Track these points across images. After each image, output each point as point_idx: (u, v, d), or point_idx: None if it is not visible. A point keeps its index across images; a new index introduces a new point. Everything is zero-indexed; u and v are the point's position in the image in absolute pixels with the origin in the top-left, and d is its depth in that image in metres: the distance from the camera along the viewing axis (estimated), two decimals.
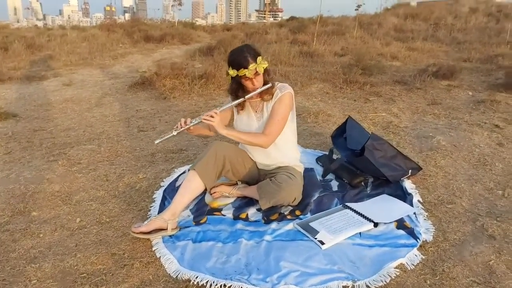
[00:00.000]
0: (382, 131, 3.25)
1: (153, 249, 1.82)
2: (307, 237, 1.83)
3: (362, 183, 2.34)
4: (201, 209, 2.12)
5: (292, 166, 2.18)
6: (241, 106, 2.13)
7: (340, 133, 2.63)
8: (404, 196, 2.18)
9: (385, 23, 11.13)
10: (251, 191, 2.16)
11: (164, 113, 4.06)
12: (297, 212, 2.04)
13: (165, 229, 1.89)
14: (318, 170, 2.54)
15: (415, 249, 1.75)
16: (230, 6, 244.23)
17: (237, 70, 1.95)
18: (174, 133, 1.92)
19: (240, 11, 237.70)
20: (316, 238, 1.80)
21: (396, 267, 1.65)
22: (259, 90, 2.02)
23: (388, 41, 8.29)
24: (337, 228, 1.87)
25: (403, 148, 2.85)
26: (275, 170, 2.17)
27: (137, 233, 1.83)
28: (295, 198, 2.02)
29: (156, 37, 10.40)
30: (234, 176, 2.17)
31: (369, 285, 1.56)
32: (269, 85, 2.03)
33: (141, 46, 9.52)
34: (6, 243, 1.88)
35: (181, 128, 1.93)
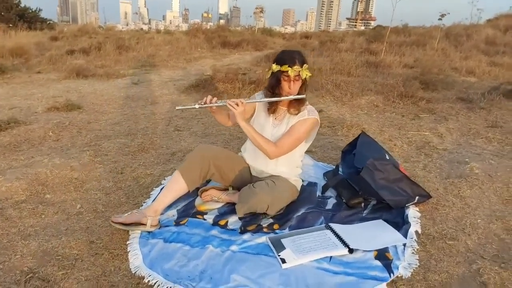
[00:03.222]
0: (415, 151, 2.97)
1: (127, 242, 1.90)
2: (273, 253, 1.76)
3: (362, 204, 2.17)
4: (187, 211, 2.15)
5: (283, 177, 2.11)
6: (272, 109, 2.12)
7: (351, 149, 2.46)
8: (402, 224, 1.97)
9: (476, 35, 10.09)
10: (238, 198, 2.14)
11: (205, 115, 4.20)
12: (275, 226, 1.97)
13: (144, 225, 1.96)
14: (322, 185, 2.41)
15: (384, 284, 1.57)
16: (321, 14, 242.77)
17: (281, 66, 1.95)
18: (196, 106, 1.96)
19: (330, 19, 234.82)
20: (279, 256, 1.71)
21: None
22: (292, 97, 2.01)
23: (470, 54, 7.51)
24: (306, 249, 1.75)
25: (428, 172, 2.57)
26: (265, 178, 2.13)
27: (116, 223, 1.92)
28: (268, 206, 1.94)
29: (232, 43, 10.80)
30: (223, 180, 2.17)
31: None
32: (303, 96, 2.03)
33: (216, 51, 9.96)
34: (13, 219, 2.12)
35: (205, 104, 1.96)
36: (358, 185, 2.18)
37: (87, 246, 1.89)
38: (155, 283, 1.62)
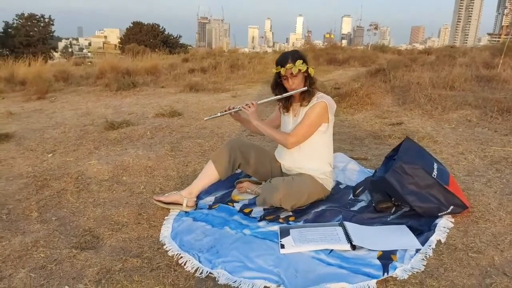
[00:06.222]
0: (486, 165, 2.65)
1: (165, 218, 2.22)
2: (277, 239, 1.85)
3: (392, 210, 2.08)
4: (223, 198, 2.38)
5: (309, 175, 2.18)
6: (285, 109, 2.30)
7: (394, 155, 2.37)
8: (426, 232, 1.84)
9: None
10: None
11: None
12: (291, 218, 2.05)
13: (181, 205, 2.25)
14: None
15: (373, 281, 1.53)
16: (456, 29, 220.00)
17: (276, 67, 2.17)
18: (219, 114, 2.31)
19: (467, 35, 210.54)
20: (280, 242, 1.80)
21: None
22: (294, 92, 2.16)
23: None
24: (308, 239, 1.80)
25: (488, 186, 2.30)
26: (292, 175, 2.22)
27: (156, 200, 2.26)
28: (280, 200, 2.03)
29: (339, 60, 10.81)
30: (253, 173, 2.34)
31: None
32: (304, 88, 2.14)
33: (320, 68, 10.08)
34: (93, 192, 2.65)
35: (225, 112, 2.27)
36: (387, 189, 2.10)
37: (135, 217, 2.26)
38: (169, 250, 1.87)
